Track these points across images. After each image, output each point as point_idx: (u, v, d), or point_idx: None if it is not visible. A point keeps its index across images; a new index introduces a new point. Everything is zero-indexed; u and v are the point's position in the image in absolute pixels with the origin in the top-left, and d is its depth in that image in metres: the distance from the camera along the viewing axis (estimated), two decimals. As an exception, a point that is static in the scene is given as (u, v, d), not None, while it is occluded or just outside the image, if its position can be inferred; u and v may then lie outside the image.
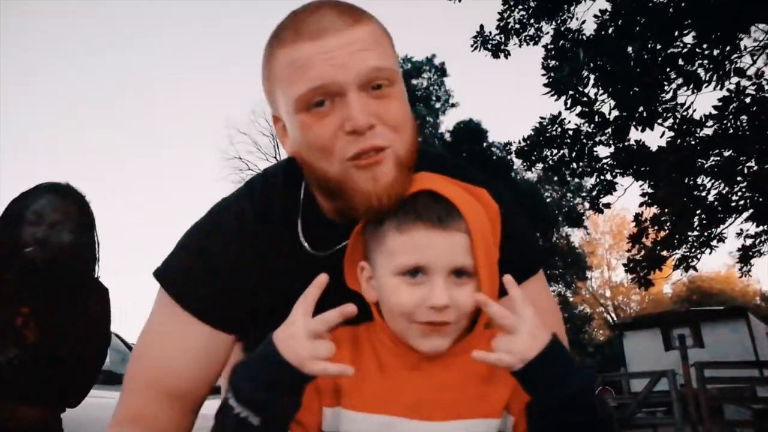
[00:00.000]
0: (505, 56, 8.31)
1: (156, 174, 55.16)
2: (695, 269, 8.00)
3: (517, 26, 8.13)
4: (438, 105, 20.38)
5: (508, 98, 54.24)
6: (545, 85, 6.37)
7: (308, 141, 0.90)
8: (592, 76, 6.13)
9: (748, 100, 5.91)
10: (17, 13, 46.47)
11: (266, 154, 23.03)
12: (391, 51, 0.95)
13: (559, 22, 7.72)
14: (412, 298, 0.83)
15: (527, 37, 8.16)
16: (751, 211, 7.44)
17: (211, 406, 1.07)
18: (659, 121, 6.13)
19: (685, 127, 6.23)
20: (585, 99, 6.36)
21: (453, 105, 20.36)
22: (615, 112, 6.47)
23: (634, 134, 6.99)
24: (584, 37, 7.20)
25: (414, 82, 20.11)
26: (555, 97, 6.29)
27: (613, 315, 38.62)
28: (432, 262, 0.82)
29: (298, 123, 0.90)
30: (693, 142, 6.41)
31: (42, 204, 1.78)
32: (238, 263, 1.01)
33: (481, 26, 8.25)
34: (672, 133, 6.41)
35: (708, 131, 6.40)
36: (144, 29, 52.95)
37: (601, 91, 6.33)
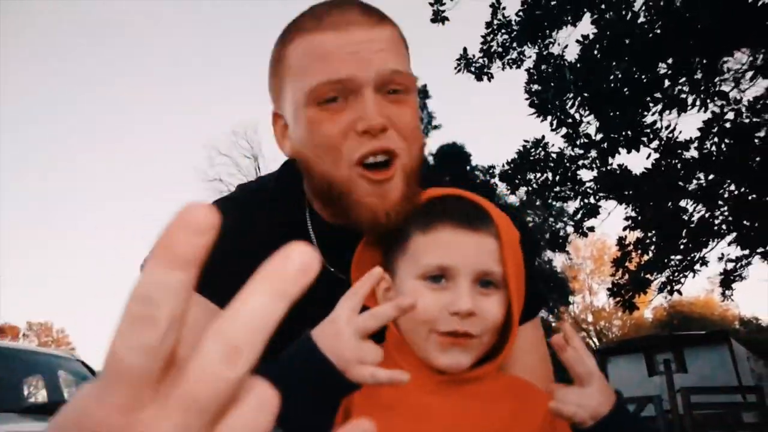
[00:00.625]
0: (489, 79, 8.33)
1: (136, 194, 54.57)
2: (680, 293, 7.97)
3: (500, 50, 8.19)
4: (420, 127, 20.55)
5: (491, 122, 54.90)
6: (531, 105, 6.38)
7: (315, 139, 0.82)
8: (578, 97, 6.14)
9: (728, 125, 5.98)
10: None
11: (246, 176, 22.88)
12: (408, 59, 0.91)
13: (541, 46, 7.79)
14: (435, 304, 0.74)
15: (510, 61, 8.21)
16: (734, 234, 7.47)
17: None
18: (644, 141, 6.16)
19: (670, 149, 6.26)
20: (570, 120, 6.37)
21: (435, 127, 20.47)
22: (600, 134, 6.49)
23: (618, 158, 7.03)
24: (566, 62, 7.27)
25: (397, 105, 20.26)
26: (540, 118, 6.29)
27: (596, 340, 38.70)
28: (458, 264, 0.74)
29: (306, 118, 0.82)
30: (677, 165, 6.43)
31: None
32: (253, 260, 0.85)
33: (465, 49, 8.29)
34: (657, 155, 6.44)
35: (693, 153, 6.43)
36: (125, 45, 52.85)
37: (586, 113, 6.35)
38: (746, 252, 8.10)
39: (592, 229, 8.16)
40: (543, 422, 0.74)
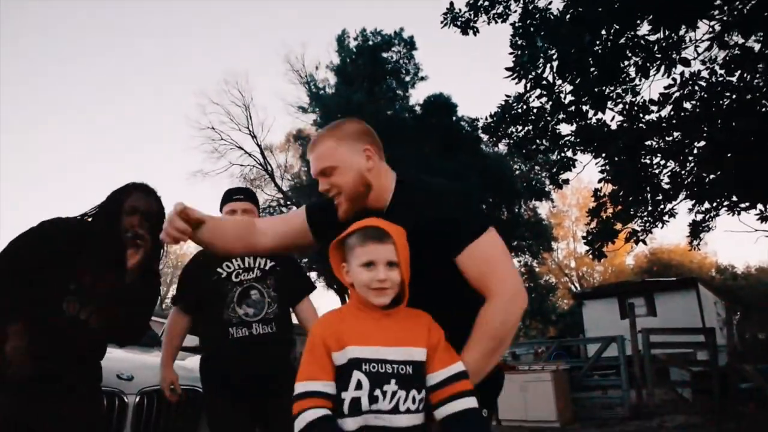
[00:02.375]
0: (474, 33, 8.50)
1: (128, 145, 54.04)
2: (644, 243, 8.47)
3: (486, 3, 8.32)
4: (407, 78, 20.47)
5: (477, 75, 54.37)
6: (507, 68, 6.64)
7: None
8: (548, 64, 6.41)
9: (696, 87, 6.32)
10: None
11: (239, 125, 22.87)
12: (344, 147, 1.70)
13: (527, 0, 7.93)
14: (369, 277, 1.48)
15: (495, 15, 8.35)
16: (699, 189, 7.91)
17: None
18: (610, 105, 6.47)
19: (634, 111, 6.59)
20: (544, 83, 6.66)
21: (422, 78, 20.49)
22: (570, 96, 6.80)
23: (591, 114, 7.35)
24: (552, 15, 7.43)
25: (384, 55, 20.12)
26: (516, 81, 6.57)
27: (578, 285, 39.89)
28: (377, 259, 1.49)
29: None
30: (643, 126, 6.79)
31: (135, 198, 2.24)
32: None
33: (451, 2, 8.40)
34: (622, 118, 6.78)
35: (657, 115, 6.78)
36: (109, -12, 51.05)
37: (557, 77, 6.63)
38: (714, 205, 8.60)
39: (567, 181, 8.57)
40: (427, 330, 1.51)
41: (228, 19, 53.00)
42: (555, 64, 6.47)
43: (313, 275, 21.44)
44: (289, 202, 22.20)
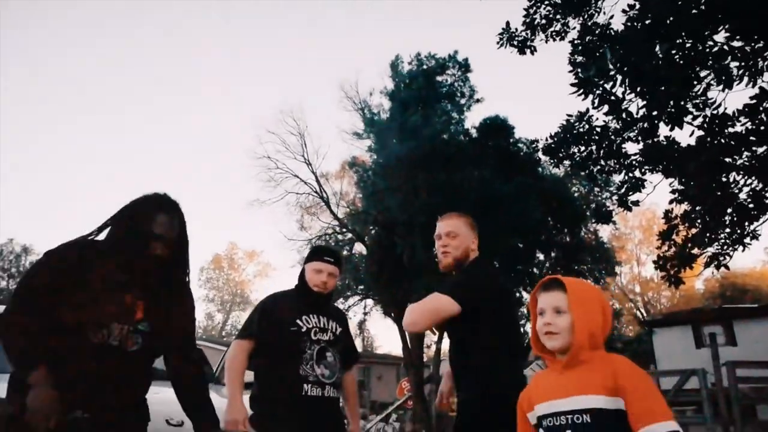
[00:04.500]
0: (532, 52, 8.25)
1: (186, 174, 56.07)
2: (727, 267, 7.84)
3: (543, 22, 8.07)
4: (463, 101, 20.23)
5: (534, 95, 53.62)
6: (572, 84, 6.32)
7: None
8: (619, 76, 6.03)
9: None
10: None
11: (294, 153, 23.14)
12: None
13: (585, 16, 7.64)
14: (540, 323, 1.58)
15: (554, 33, 8.09)
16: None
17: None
18: (688, 119, 6.01)
19: (715, 125, 6.10)
20: (612, 98, 6.28)
21: (478, 101, 20.18)
22: (643, 111, 6.38)
23: (664, 130, 6.90)
24: (612, 31, 7.11)
25: (438, 78, 19.99)
26: (581, 97, 6.23)
27: (643, 311, 38.02)
28: (545, 306, 1.59)
29: None
30: (723, 141, 6.27)
31: (160, 225, 2.02)
32: None
33: (507, 22, 8.21)
34: (702, 132, 6.28)
35: (740, 128, 6.25)
36: (172, 27, 53.70)
37: (629, 90, 6.23)
38: (801, 224, 7.88)
39: (637, 203, 8.08)
40: (611, 376, 1.47)
41: (282, 49, 54.62)
42: (624, 78, 6.08)
43: (369, 303, 21.23)
44: (344, 229, 22.18)
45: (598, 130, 7.52)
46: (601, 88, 6.29)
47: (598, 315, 1.54)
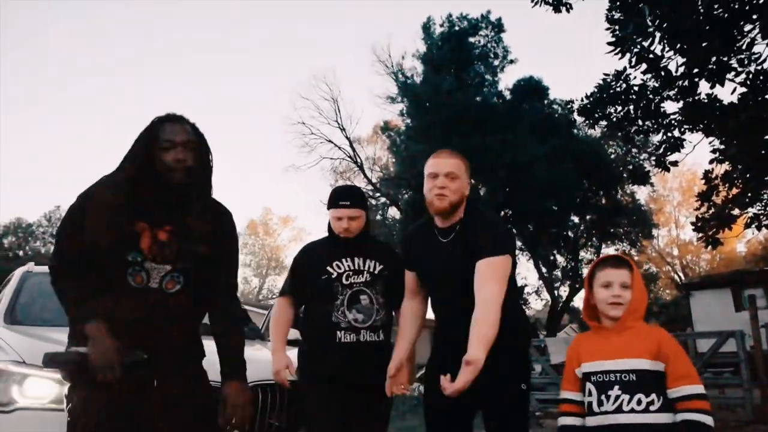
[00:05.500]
0: (567, 10, 8.02)
1: (222, 141, 56.63)
2: (767, 228, 7.67)
3: (580, -24, 7.81)
4: (496, 62, 19.83)
5: (569, 55, 52.01)
6: (609, 43, 6.16)
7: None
8: (658, 33, 5.84)
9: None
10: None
11: (328, 118, 23.17)
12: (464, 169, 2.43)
13: (624, -32, 7.36)
14: (606, 294, 1.92)
15: (590, -12, 7.83)
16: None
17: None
18: (730, 76, 5.80)
19: (759, 81, 5.87)
20: (651, 56, 6.11)
21: (512, 62, 19.75)
22: (683, 68, 6.19)
23: (705, 88, 6.70)
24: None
25: (471, 40, 19.60)
26: (618, 56, 6.07)
27: (681, 274, 37.36)
28: (612, 281, 1.92)
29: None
30: (767, 98, 6.06)
31: (171, 130, 1.91)
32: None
33: (542, -22, 7.97)
34: (744, 89, 6.07)
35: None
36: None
37: (668, 48, 6.04)
38: None
39: (675, 163, 7.92)
40: (656, 344, 1.89)
41: (315, 11, 54.12)
42: (663, 35, 5.88)
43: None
44: (378, 194, 22.29)
45: (636, 89, 7.33)
46: (639, 46, 6.10)
47: (646, 293, 1.95)
